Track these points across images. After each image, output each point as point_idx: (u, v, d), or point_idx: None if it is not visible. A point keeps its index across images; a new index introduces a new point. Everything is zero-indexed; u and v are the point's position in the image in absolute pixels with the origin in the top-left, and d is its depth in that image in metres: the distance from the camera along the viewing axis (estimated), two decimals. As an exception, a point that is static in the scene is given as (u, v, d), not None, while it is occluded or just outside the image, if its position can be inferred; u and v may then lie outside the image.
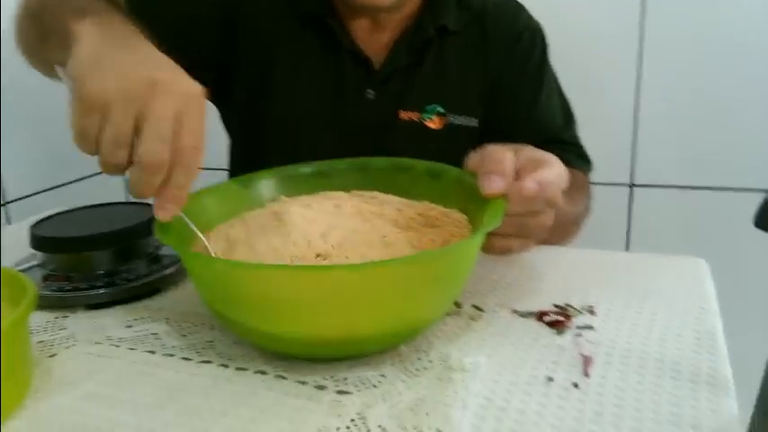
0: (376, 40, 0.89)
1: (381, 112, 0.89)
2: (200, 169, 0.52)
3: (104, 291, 0.65)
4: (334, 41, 0.88)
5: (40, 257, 0.70)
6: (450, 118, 0.90)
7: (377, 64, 0.89)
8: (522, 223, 0.59)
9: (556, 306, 0.62)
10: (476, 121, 0.91)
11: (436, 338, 0.57)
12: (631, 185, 1.45)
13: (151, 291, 0.67)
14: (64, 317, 0.64)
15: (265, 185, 0.69)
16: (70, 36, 0.58)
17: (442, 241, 0.58)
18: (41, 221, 0.73)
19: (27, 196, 1.43)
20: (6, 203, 1.36)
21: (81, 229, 0.70)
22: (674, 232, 1.44)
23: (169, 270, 0.69)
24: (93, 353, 0.57)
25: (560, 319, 0.59)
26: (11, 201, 1.37)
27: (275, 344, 0.53)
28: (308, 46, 0.89)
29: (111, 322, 0.62)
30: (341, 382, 0.50)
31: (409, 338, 0.56)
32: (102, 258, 0.68)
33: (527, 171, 0.57)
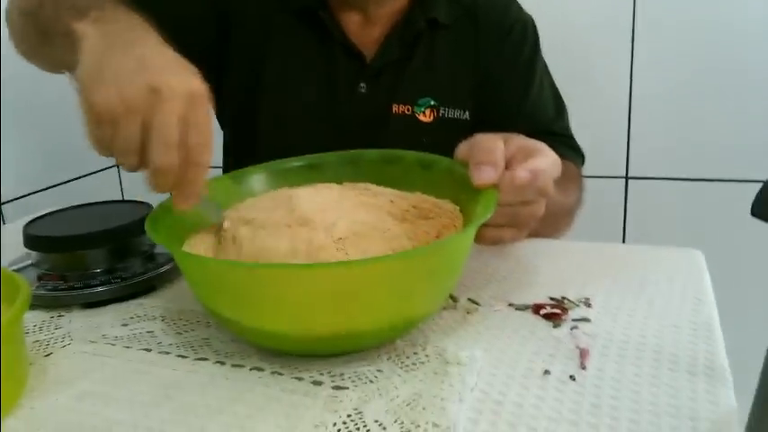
0: (367, 34, 0.89)
1: (374, 105, 0.89)
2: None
3: (99, 289, 0.65)
4: (327, 35, 0.88)
5: (34, 257, 0.70)
6: (442, 111, 0.90)
7: (369, 58, 0.89)
8: (514, 213, 0.59)
9: (552, 299, 0.62)
10: (467, 113, 0.91)
11: (432, 333, 0.57)
12: (627, 178, 1.45)
13: (146, 289, 0.67)
14: (59, 316, 0.64)
15: (256, 180, 0.69)
16: (73, 36, 0.57)
17: (435, 233, 0.58)
18: (35, 221, 0.73)
19: (22, 197, 1.43)
20: (2, 204, 1.36)
21: (75, 228, 0.69)
22: (670, 224, 1.44)
23: (164, 268, 0.69)
24: (88, 351, 0.57)
25: (557, 311, 0.59)
26: (6, 201, 1.37)
27: (270, 341, 0.53)
28: (301, 40, 0.89)
29: (107, 321, 0.62)
30: (337, 377, 0.50)
31: (405, 332, 0.56)
32: (97, 257, 0.68)
33: (518, 160, 0.57)
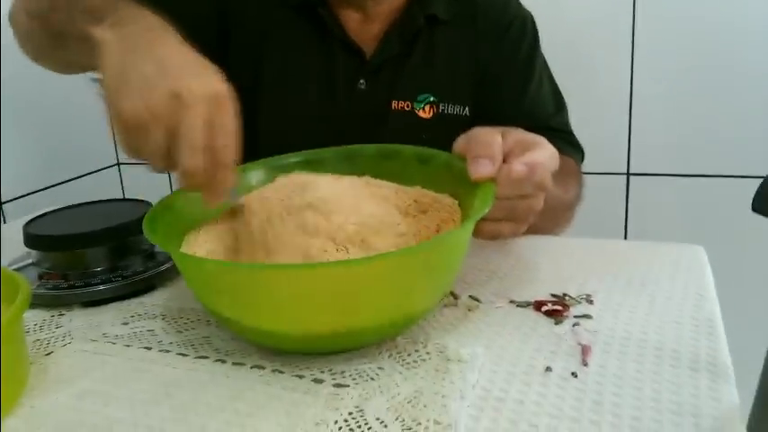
0: (367, 30, 0.89)
1: (373, 101, 0.89)
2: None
3: (100, 288, 0.65)
4: (326, 32, 0.88)
5: (34, 256, 0.70)
6: (442, 107, 0.90)
7: (368, 54, 0.89)
8: (512, 207, 0.58)
9: (553, 295, 0.62)
10: (467, 109, 0.91)
11: (433, 330, 0.56)
12: (628, 174, 1.45)
13: (147, 287, 0.67)
14: (60, 315, 0.64)
15: (254, 176, 0.69)
16: (92, 42, 0.58)
17: (435, 227, 0.58)
18: (35, 219, 0.73)
19: (23, 196, 1.43)
20: (3, 203, 1.36)
21: (75, 227, 0.69)
22: (671, 220, 1.44)
23: (165, 266, 0.69)
24: (89, 350, 0.57)
25: (558, 308, 0.59)
26: (7, 201, 1.37)
27: (270, 340, 0.53)
28: (300, 37, 0.89)
29: (107, 319, 0.62)
30: (338, 375, 0.50)
31: (405, 329, 0.55)
32: (98, 255, 0.68)
33: (515, 154, 0.57)
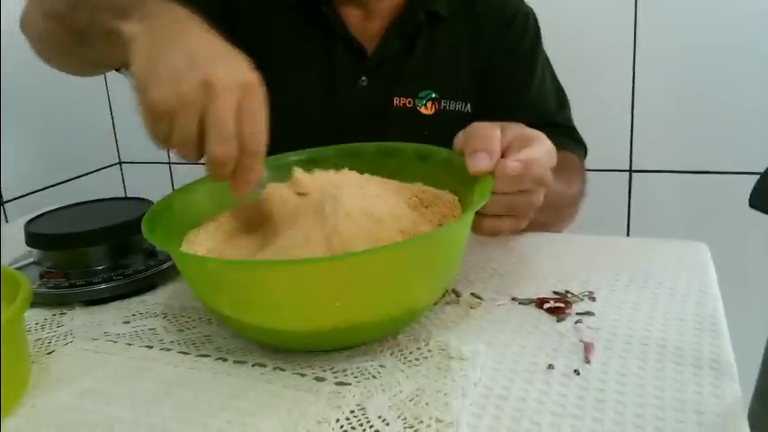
0: (368, 27, 0.89)
1: (375, 98, 0.89)
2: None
3: (101, 287, 0.65)
4: (327, 29, 0.88)
5: (36, 255, 0.70)
6: (443, 103, 0.90)
7: (369, 51, 0.89)
8: (512, 203, 0.58)
9: (555, 293, 0.62)
10: (469, 106, 0.90)
11: (435, 327, 0.56)
12: (630, 171, 1.45)
13: (148, 286, 0.67)
14: (61, 314, 0.64)
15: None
16: (121, 37, 0.57)
17: (437, 222, 0.58)
18: (36, 218, 0.73)
19: (24, 195, 1.43)
20: (4, 203, 1.36)
21: (76, 226, 0.69)
22: (674, 217, 1.44)
23: (166, 265, 0.69)
24: (90, 349, 0.57)
25: (560, 305, 0.58)
26: (8, 200, 1.37)
27: (271, 338, 0.52)
28: (301, 35, 0.89)
29: (109, 318, 0.62)
30: (340, 373, 0.50)
31: (406, 324, 0.55)
32: (99, 254, 0.68)
33: (513, 149, 0.57)
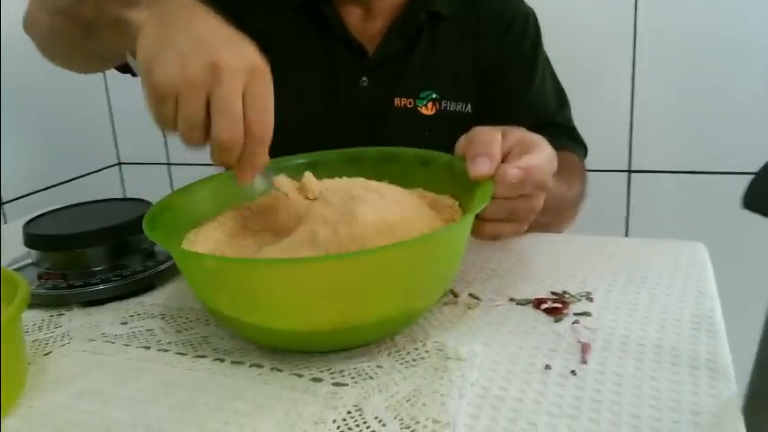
0: (369, 27, 0.89)
1: (375, 98, 0.89)
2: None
3: (99, 288, 0.65)
4: (328, 30, 0.88)
5: (34, 256, 0.70)
6: (444, 104, 0.90)
7: (370, 52, 0.89)
8: (512, 207, 0.58)
9: (553, 293, 0.62)
10: (469, 106, 0.91)
11: (432, 328, 0.56)
12: (629, 171, 1.45)
13: (146, 287, 0.67)
14: (59, 315, 0.64)
15: (257, 178, 0.68)
16: (128, 25, 0.57)
17: (437, 227, 0.58)
18: (34, 219, 0.73)
19: (23, 196, 1.43)
20: (3, 203, 1.36)
21: (74, 227, 0.69)
22: (672, 217, 1.44)
23: (164, 266, 0.69)
24: (88, 350, 0.57)
25: (558, 306, 0.58)
26: (7, 201, 1.37)
27: (270, 338, 0.53)
28: (302, 35, 0.89)
29: (106, 319, 0.62)
30: (337, 374, 0.50)
31: (405, 326, 0.55)
32: (97, 255, 0.68)
33: (514, 154, 0.57)
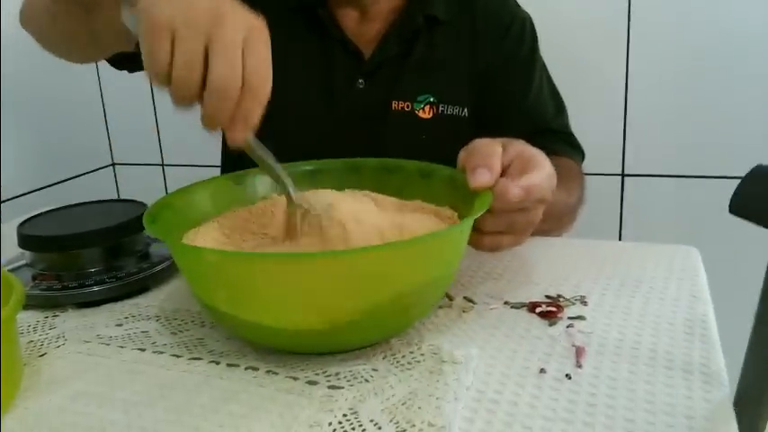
0: (366, 31, 0.89)
1: (372, 101, 0.89)
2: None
3: (94, 289, 0.65)
4: (324, 32, 0.88)
5: (28, 257, 0.69)
6: (441, 108, 0.90)
7: (367, 55, 0.89)
8: (511, 220, 0.58)
9: (548, 297, 0.62)
10: (466, 111, 0.91)
11: (427, 331, 0.56)
12: (623, 175, 1.45)
13: (141, 288, 0.67)
14: (54, 316, 0.63)
15: (259, 182, 0.69)
16: None
17: None
18: (29, 220, 0.73)
19: (18, 196, 1.43)
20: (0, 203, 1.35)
21: (69, 228, 0.69)
22: (666, 221, 1.44)
23: (159, 267, 0.69)
24: (83, 352, 0.56)
25: (552, 309, 0.59)
26: (2, 201, 1.37)
27: (267, 337, 0.53)
28: (300, 37, 0.89)
29: (101, 321, 0.62)
30: (333, 377, 0.50)
31: (400, 330, 0.55)
32: (92, 256, 0.68)
33: (515, 168, 0.57)
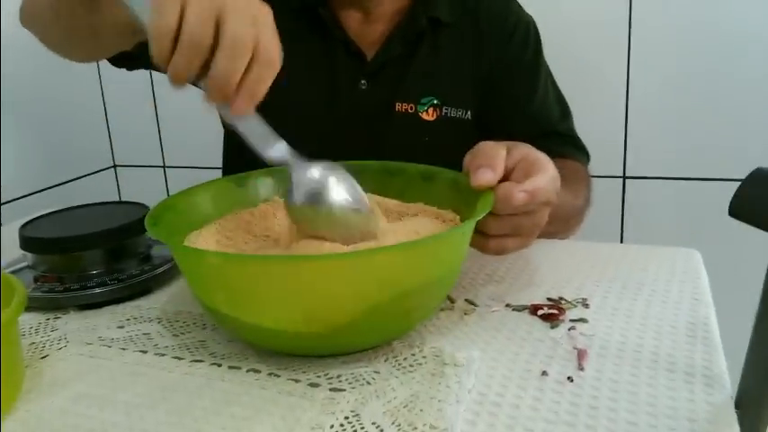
0: (369, 32, 0.89)
1: (375, 102, 0.89)
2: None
3: (96, 291, 0.65)
4: (327, 33, 0.88)
5: (30, 258, 0.70)
6: (445, 110, 0.90)
7: (369, 56, 0.89)
8: (516, 223, 0.58)
9: (549, 299, 0.62)
10: (469, 113, 0.91)
11: (429, 333, 0.56)
12: (624, 177, 1.45)
13: (143, 290, 0.67)
14: (56, 318, 0.63)
15: (261, 185, 0.69)
16: None
17: None
18: (31, 222, 0.73)
19: (19, 198, 1.43)
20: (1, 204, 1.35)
21: (71, 230, 0.69)
22: (667, 223, 1.44)
23: (161, 269, 0.69)
24: (84, 354, 0.56)
25: (554, 312, 0.59)
26: (3, 203, 1.37)
27: (268, 340, 0.53)
28: (303, 37, 0.89)
29: (103, 323, 0.62)
30: (334, 379, 0.50)
31: (402, 333, 0.55)
32: (93, 258, 0.68)
33: (519, 172, 0.57)
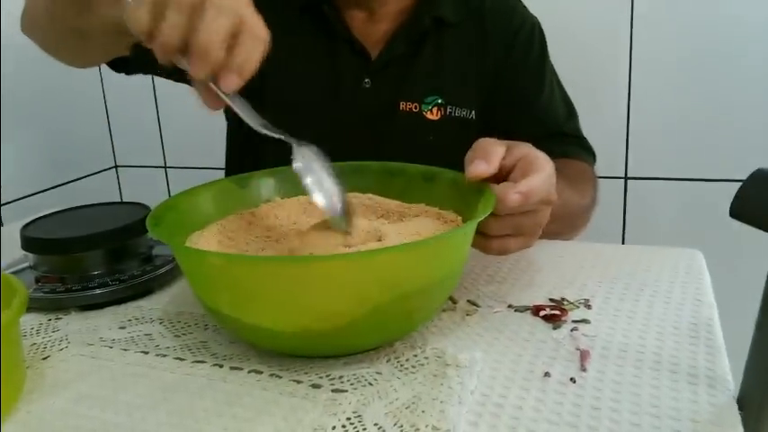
0: (373, 32, 0.89)
1: (379, 101, 0.89)
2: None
3: (97, 292, 0.65)
4: (331, 31, 0.88)
5: (31, 259, 0.70)
6: (449, 109, 0.90)
7: (373, 55, 0.89)
8: (517, 223, 0.58)
9: (551, 300, 0.62)
10: (473, 113, 0.91)
11: (431, 334, 0.56)
12: (626, 178, 1.45)
13: (144, 291, 0.67)
14: (57, 318, 0.63)
15: (263, 185, 0.69)
16: None
17: None
18: (32, 222, 0.73)
19: (21, 198, 1.43)
20: (1, 205, 1.35)
21: (72, 230, 0.69)
22: (669, 224, 1.44)
23: (162, 270, 0.69)
24: (86, 354, 0.56)
25: (556, 313, 0.59)
26: (5, 203, 1.37)
27: (269, 340, 0.53)
28: (305, 36, 0.89)
29: (105, 323, 0.62)
30: (336, 380, 0.50)
31: (404, 334, 0.55)
32: (95, 259, 0.68)
33: (518, 172, 0.57)
